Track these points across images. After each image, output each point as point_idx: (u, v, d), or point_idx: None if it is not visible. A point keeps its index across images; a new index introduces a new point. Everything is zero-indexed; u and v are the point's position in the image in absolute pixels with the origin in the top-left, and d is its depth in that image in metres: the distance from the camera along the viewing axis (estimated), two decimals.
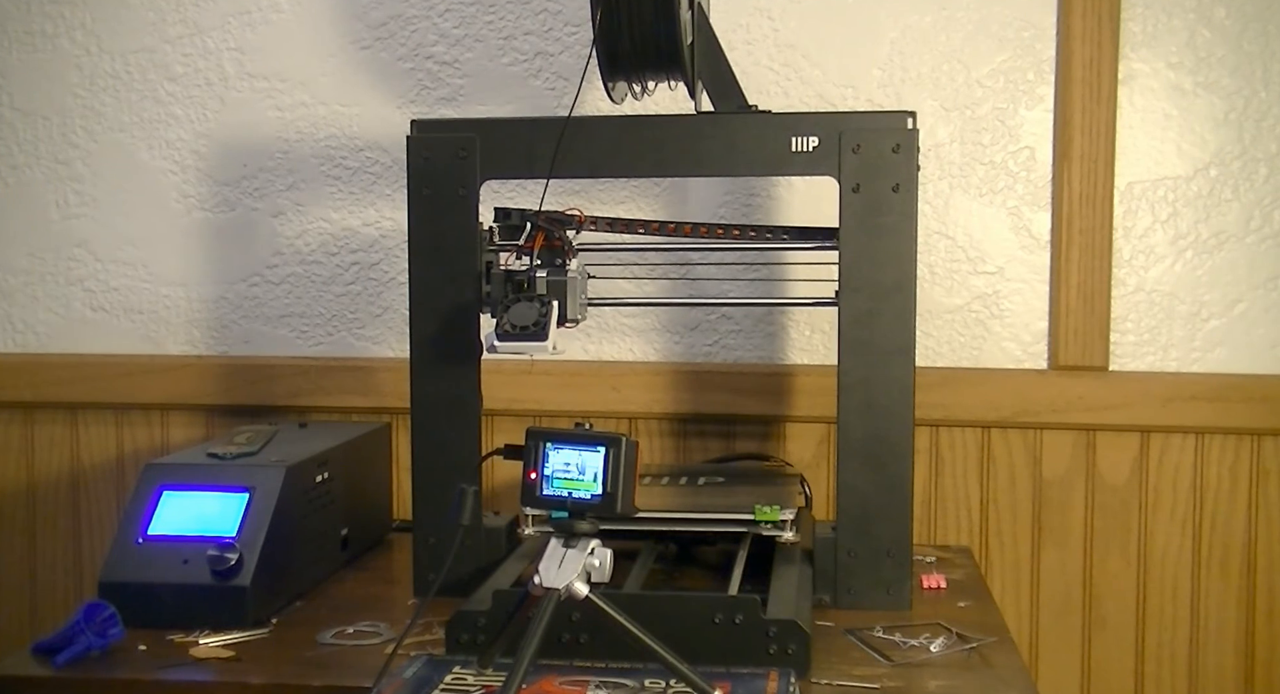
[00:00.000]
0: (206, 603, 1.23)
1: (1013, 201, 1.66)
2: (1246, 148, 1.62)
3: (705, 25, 1.33)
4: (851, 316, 1.28)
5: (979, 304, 1.67)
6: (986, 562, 1.66)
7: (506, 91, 1.73)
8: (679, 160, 1.32)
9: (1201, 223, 1.64)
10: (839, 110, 1.65)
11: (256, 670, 1.14)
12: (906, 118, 1.28)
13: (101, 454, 1.81)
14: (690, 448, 1.71)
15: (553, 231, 1.27)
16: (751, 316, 1.71)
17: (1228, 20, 1.62)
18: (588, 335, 1.73)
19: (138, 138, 1.81)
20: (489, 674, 1.03)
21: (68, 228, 1.83)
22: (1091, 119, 1.62)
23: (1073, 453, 1.64)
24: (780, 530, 1.30)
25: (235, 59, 1.78)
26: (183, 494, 1.30)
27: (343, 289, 1.78)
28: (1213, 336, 1.64)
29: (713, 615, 1.09)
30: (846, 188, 1.27)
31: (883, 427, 1.29)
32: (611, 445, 0.97)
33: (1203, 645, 1.64)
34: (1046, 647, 1.66)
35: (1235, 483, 1.63)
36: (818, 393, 1.64)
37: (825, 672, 1.10)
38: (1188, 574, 1.64)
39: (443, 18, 1.74)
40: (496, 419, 1.68)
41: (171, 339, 1.82)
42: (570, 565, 0.97)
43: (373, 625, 1.25)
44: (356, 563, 1.50)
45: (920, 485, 1.62)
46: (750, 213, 1.70)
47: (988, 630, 1.23)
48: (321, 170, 1.77)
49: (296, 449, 1.41)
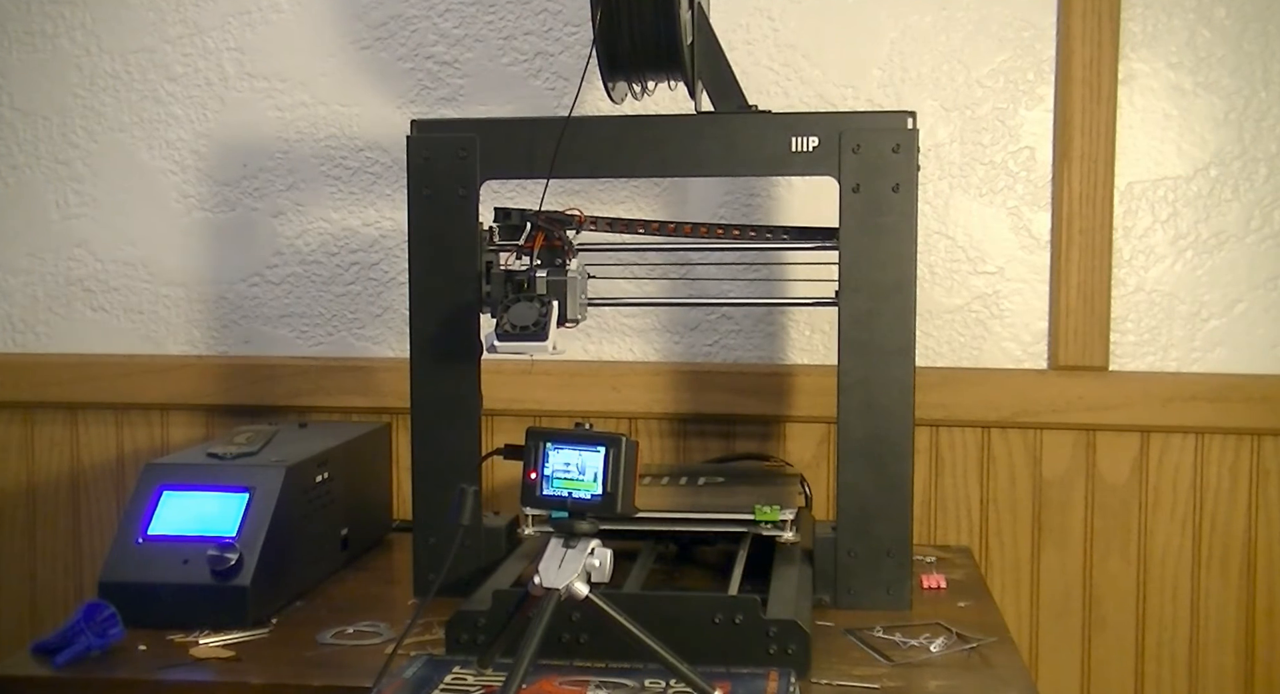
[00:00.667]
0: (206, 603, 1.23)
1: (1013, 201, 1.66)
2: (1246, 148, 1.62)
3: (705, 25, 1.33)
4: (851, 316, 1.28)
5: (979, 304, 1.67)
6: (986, 562, 1.66)
7: (506, 91, 1.73)
8: (679, 160, 1.32)
9: (1201, 223, 1.64)
10: (839, 110, 1.65)
11: (256, 670, 1.14)
12: (906, 118, 1.28)
13: (101, 454, 1.81)
14: (690, 448, 1.71)
15: (553, 231, 1.27)
16: (751, 316, 1.70)
17: (1228, 20, 1.62)
18: (588, 335, 1.73)
19: (138, 138, 1.81)
20: (489, 674, 1.03)
21: (68, 228, 1.83)
22: (1091, 119, 1.62)
23: (1073, 453, 1.64)
24: (780, 530, 1.30)
25: (235, 59, 1.78)
26: (183, 494, 1.30)
27: (343, 289, 1.78)
28: (1213, 337, 1.64)
29: (713, 615, 1.09)
30: (846, 188, 1.27)
31: (883, 427, 1.29)
32: (612, 445, 0.97)
33: (1203, 645, 1.64)
34: (1046, 647, 1.66)
35: (1235, 483, 1.63)
36: (818, 393, 1.64)
37: (825, 672, 1.10)
38: (1188, 574, 1.64)
39: (443, 18, 1.74)
40: (496, 419, 1.68)
41: (171, 339, 1.82)
42: (570, 566, 0.97)
43: (373, 625, 1.25)
44: (356, 563, 1.50)
45: (920, 485, 1.62)
46: (750, 213, 1.70)
47: (988, 630, 1.23)
48: (321, 170, 1.77)
49: (296, 449, 1.41)
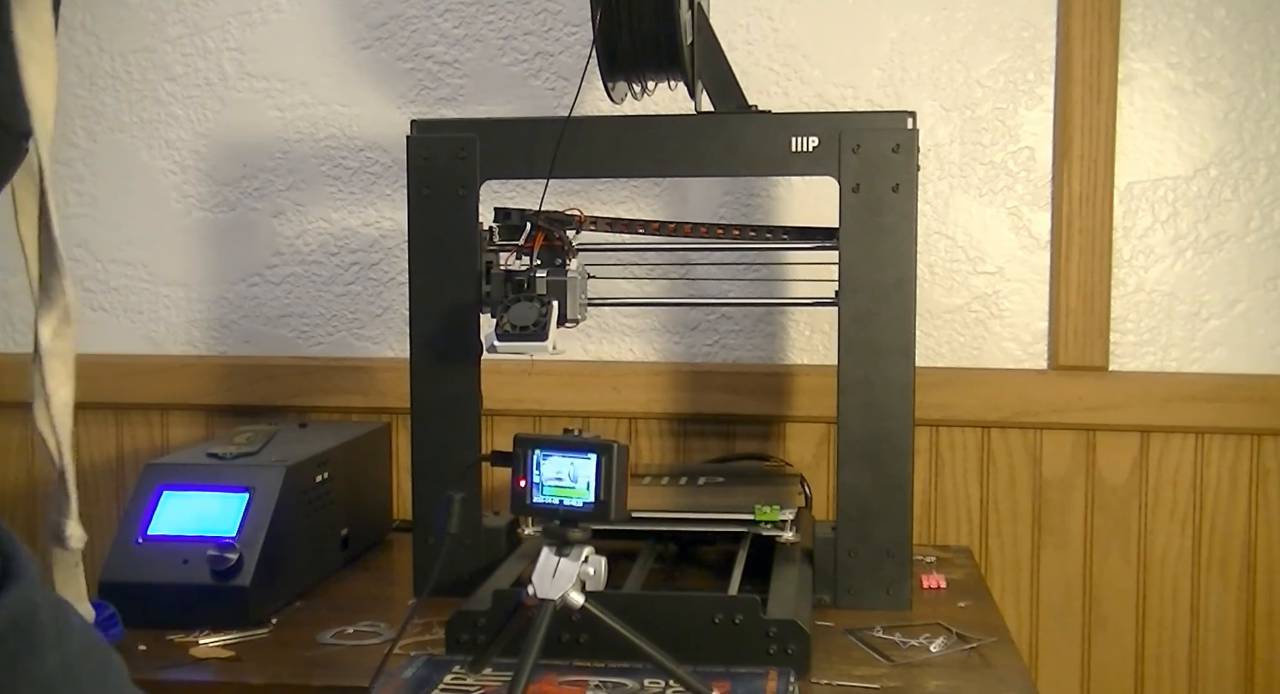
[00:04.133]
0: (206, 603, 1.23)
1: (1013, 201, 1.66)
2: (1246, 148, 1.62)
3: (705, 25, 1.33)
4: (851, 316, 1.28)
5: (979, 304, 1.67)
6: (986, 562, 1.66)
7: (506, 91, 1.73)
8: (679, 160, 1.32)
9: (1201, 223, 1.64)
10: (839, 110, 1.65)
11: (256, 670, 1.14)
12: (906, 118, 1.28)
13: (101, 454, 1.81)
14: (690, 448, 1.71)
15: (553, 231, 1.27)
16: (751, 316, 1.70)
17: (1228, 20, 1.62)
18: (588, 335, 1.73)
19: (138, 138, 1.80)
20: (488, 674, 1.03)
21: (68, 228, 1.83)
22: (1091, 119, 1.62)
23: (1073, 453, 1.64)
24: (780, 530, 1.30)
25: (235, 59, 1.78)
26: (183, 494, 1.30)
27: (343, 289, 1.78)
28: (1213, 337, 1.64)
29: (713, 615, 1.09)
30: (846, 188, 1.27)
31: (883, 427, 1.28)
32: (603, 452, 0.94)
33: (1203, 645, 1.64)
34: (1046, 647, 1.66)
35: (1235, 483, 1.63)
36: (818, 393, 1.64)
37: (825, 672, 1.10)
38: (1188, 574, 1.64)
39: (443, 18, 1.74)
40: (496, 419, 1.68)
41: (171, 339, 1.82)
42: (564, 575, 0.95)
43: (373, 625, 1.25)
44: (356, 563, 1.50)
45: (920, 485, 1.62)
46: (750, 213, 1.70)
47: (988, 630, 1.23)
48: (321, 170, 1.77)
49: (296, 449, 1.40)
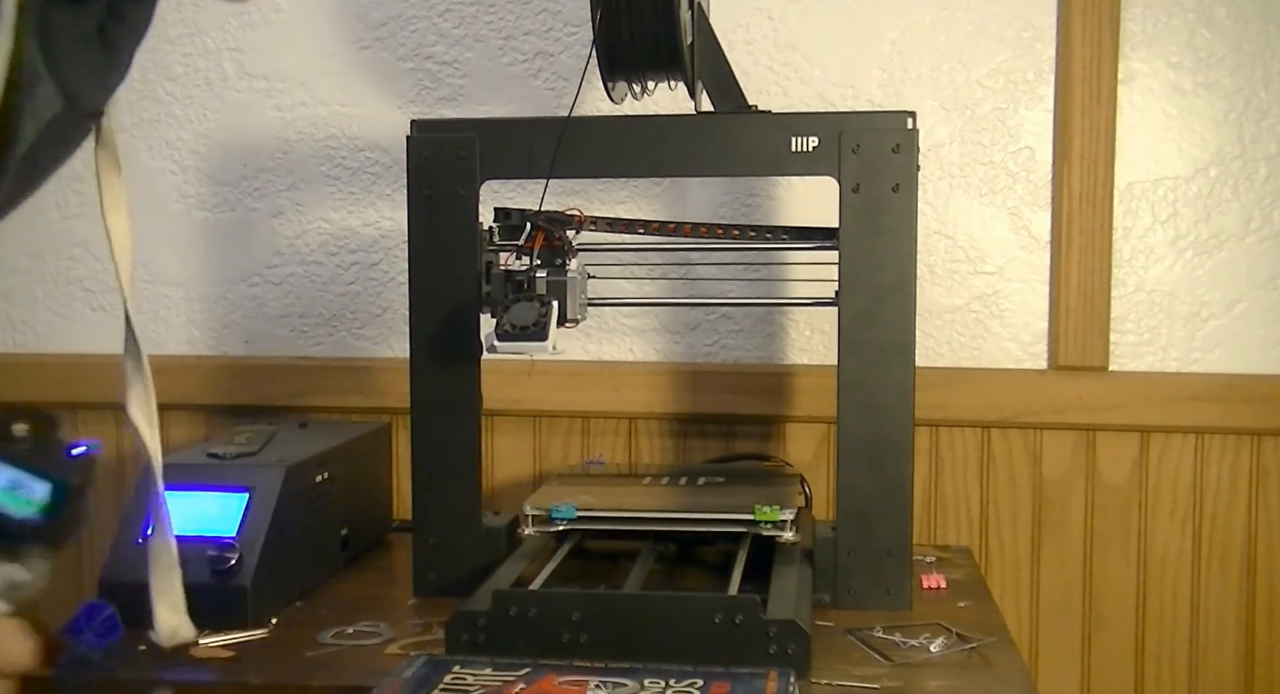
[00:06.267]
0: (206, 603, 1.22)
1: (1012, 202, 1.66)
2: (1246, 148, 1.62)
3: (705, 25, 1.33)
4: (851, 316, 1.28)
5: (979, 304, 1.67)
6: (986, 562, 1.66)
7: (506, 91, 1.73)
8: (679, 160, 1.32)
9: (1201, 223, 1.64)
10: (839, 110, 1.65)
11: (256, 670, 1.13)
12: (906, 118, 1.28)
13: (101, 454, 1.81)
14: (690, 448, 1.71)
15: (553, 231, 1.27)
16: (751, 316, 1.70)
17: (1228, 20, 1.62)
18: (588, 335, 1.73)
19: (138, 138, 1.80)
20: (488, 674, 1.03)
21: (68, 228, 1.83)
22: (1091, 119, 1.62)
23: (1073, 453, 1.64)
24: (780, 530, 1.30)
25: (235, 59, 1.78)
26: (183, 494, 1.30)
27: (343, 289, 1.78)
28: (1213, 337, 1.64)
29: (713, 615, 1.09)
30: (846, 188, 1.27)
31: (883, 427, 1.28)
32: None
33: (1203, 645, 1.64)
34: (1046, 647, 1.66)
35: (1235, 483, 1.63)
36: (818, 393, 1.64)
37: (825, 672, 1.10)
38: (1188, 574, 1.64)
39: (443, 18, 1.74)
40: (496, 419, 1.68)
41: (171, 339, 1.82)
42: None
43: (373, 625, 1.25)
44: (356, 563, 1.50)
45: (920, 485, 1.62)
46: (750, 213, 1.70)
47: (988, 630, 1.23)
48: (321, 170, 1.77)
49: (296, 449, 1.40)
